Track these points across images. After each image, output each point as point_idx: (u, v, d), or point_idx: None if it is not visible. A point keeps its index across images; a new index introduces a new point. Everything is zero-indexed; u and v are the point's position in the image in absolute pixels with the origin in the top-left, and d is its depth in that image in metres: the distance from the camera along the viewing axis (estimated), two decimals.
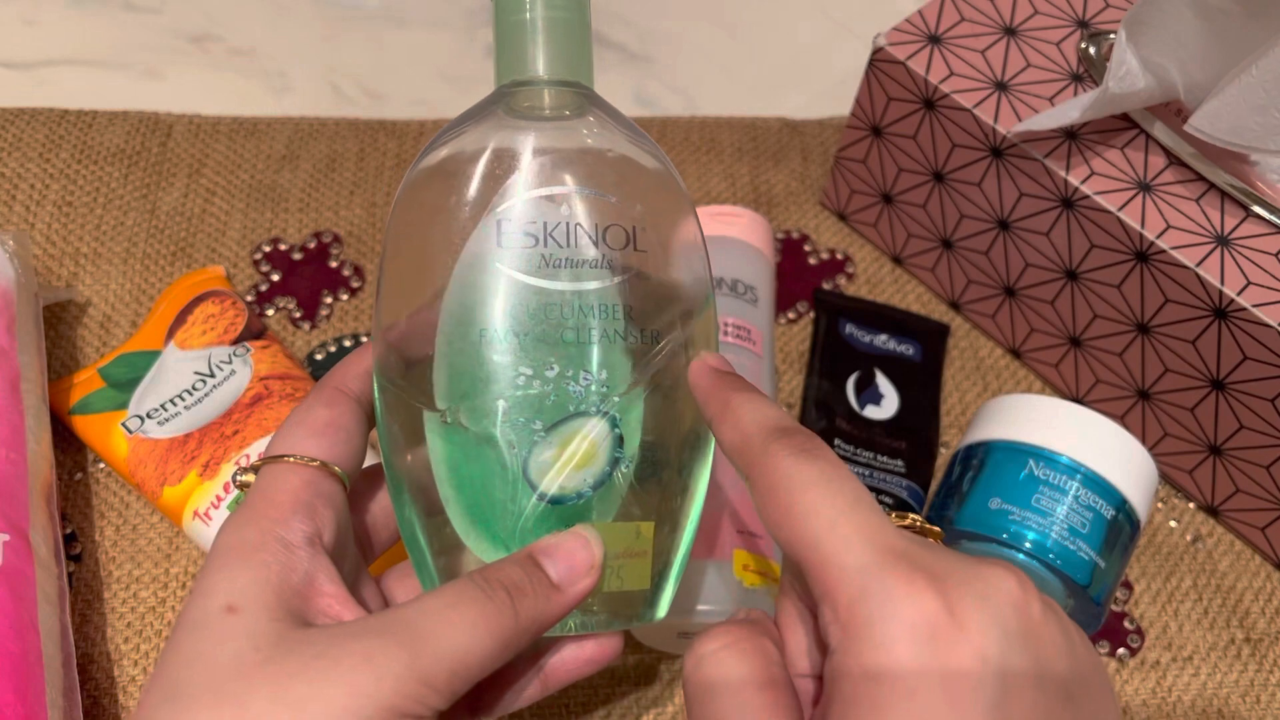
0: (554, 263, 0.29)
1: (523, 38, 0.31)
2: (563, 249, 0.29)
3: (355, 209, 0.53)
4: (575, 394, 0.29)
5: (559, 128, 0.31)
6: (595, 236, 0.29)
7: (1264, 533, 0.46)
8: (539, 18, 0.31)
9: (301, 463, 0.29)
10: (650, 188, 0.31)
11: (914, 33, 0.46)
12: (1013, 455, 0.41)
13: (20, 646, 0.35)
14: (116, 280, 0.49)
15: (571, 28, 0.31)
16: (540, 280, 0.29)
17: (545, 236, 0.29)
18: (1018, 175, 0.44)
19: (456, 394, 0.29)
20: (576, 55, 0.32)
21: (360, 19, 0.62)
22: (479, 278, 0.29)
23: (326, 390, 0.31)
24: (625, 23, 0.64)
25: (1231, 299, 0.40)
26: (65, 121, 0.54)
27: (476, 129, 0.30)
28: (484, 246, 0.29)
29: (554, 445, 0.29)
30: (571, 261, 0.29)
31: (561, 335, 0.29)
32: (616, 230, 0.30)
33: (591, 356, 0.29)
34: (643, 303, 0.30)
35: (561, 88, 0.31)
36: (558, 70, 0.31)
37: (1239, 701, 0.44)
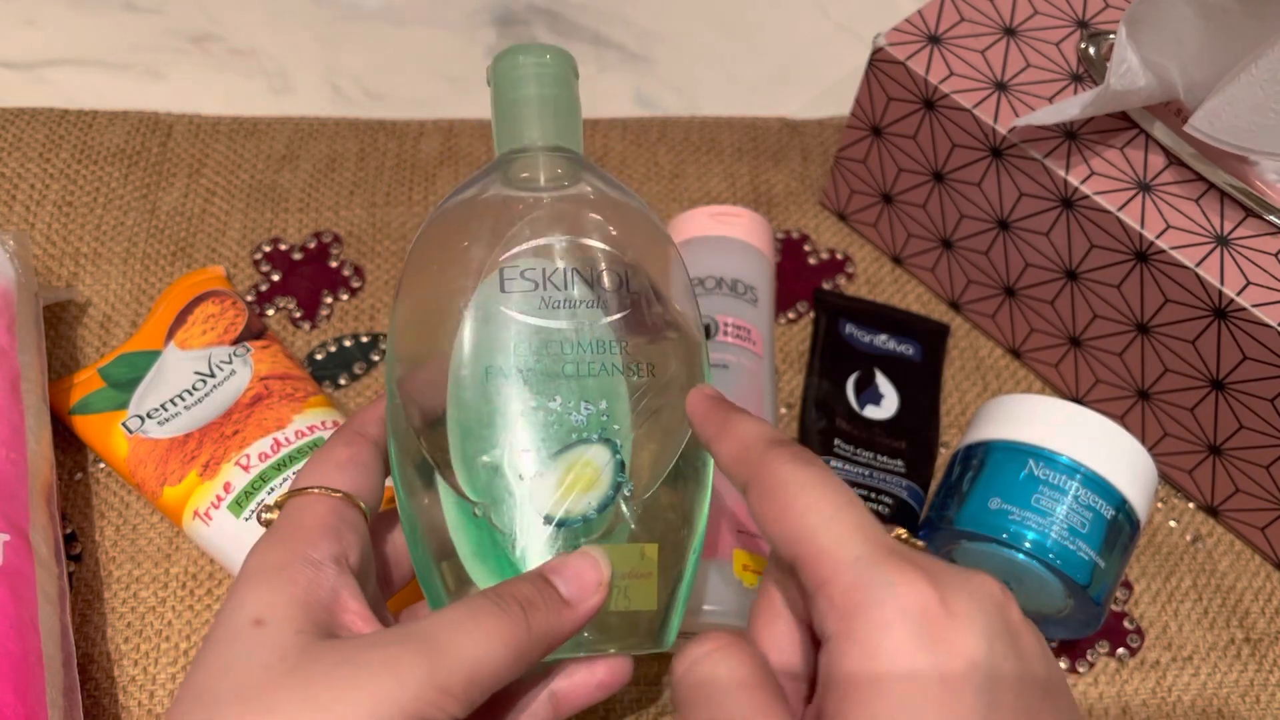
0: (553, 304, 0.32)
1: (518, 113, 0.35)
2: (561, 291, 0.32)
3: (355, 209, 0.53)
4: (577, 423, 0.31)
5: (554, 187, 0.34)
6: (590, 279, 0.32)
7: (1264, 533, 0.46)
8: (532, 96, 0.35)
9: (325, 493, 0.30)
10: (638, 236, 0.34)
11: (914, 33, 0.46)
12: (1013, 455, 0.41)
13: (20, 646, 0.35)
14: (116, 280, 0.49)
15: (560, 103, 0.36)
16: (541, 320, 0.32)
17: (545, 281, 0.32)
18: (1018, 175, 0.44)
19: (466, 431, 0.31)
20: (566, 125, 0.36)
21: (360, 19, 0.62)
22: (486, 324, 0.32)
23: (346, 432, 0.33)
24: (625, 23, 0.64)
25: (1231, 299, 0.40)
26: (65, 121, 0.54)
27: (481, 194, 0.34)
28: (489, 294, 0.32)
29: (558, 470, 0.31)
30: (569, 302, 0.32)
31: (563, 369, 0.31)
32: (610, 274, 0.33)
33: (591, 388, 0.31)
34: (636, 339, 0.33)
35: (554, 154, 0.35)
36: (550, 139, 0.35)
37: (1239, 701, 0.44)
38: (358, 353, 0.49)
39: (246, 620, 0.26)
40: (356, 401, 0.48)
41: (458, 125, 0.56)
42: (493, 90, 0.36)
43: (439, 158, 0.55)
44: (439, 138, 0.56)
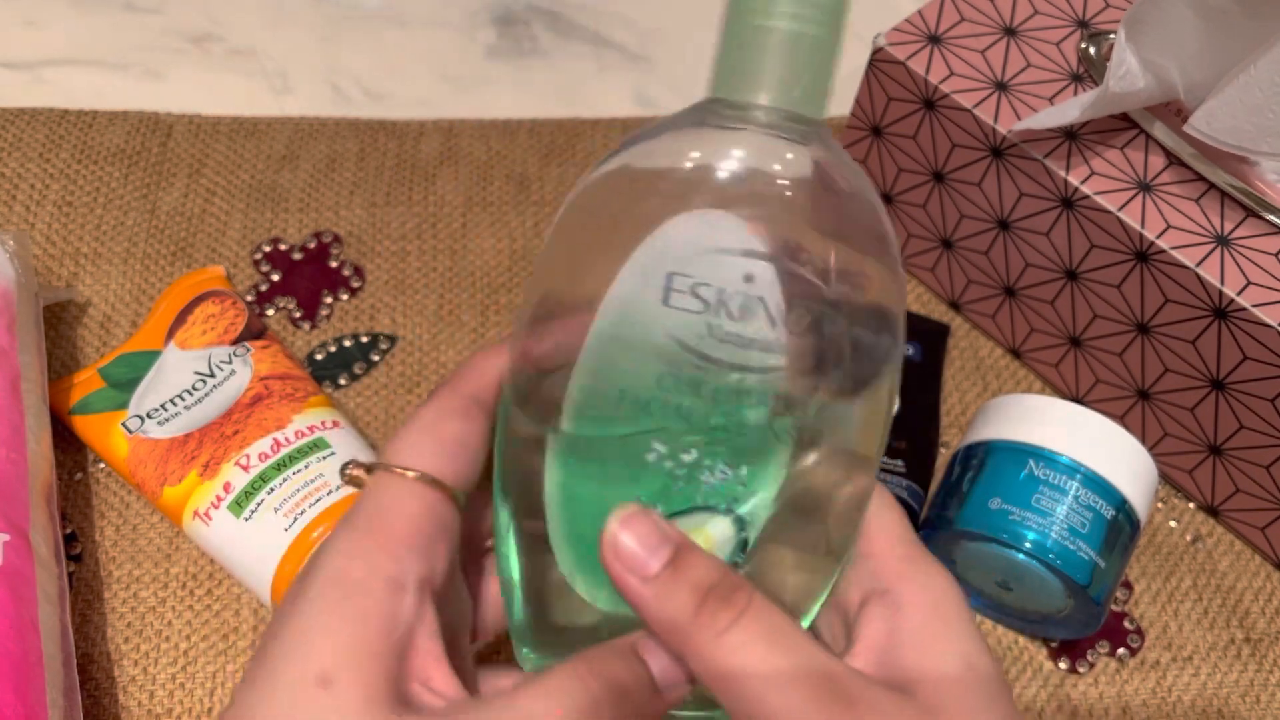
0: (720, 336, 0.25)
1: (752, 50, 0.26)
2: (734, 322, 0.25)
3: (355, 209, 0.53)
4: (707, 487, 0.25)
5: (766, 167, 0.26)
6: (774, 314, 0.25)
7: (1264, 533, 0.46)
8: (783, 30, 0.25)
9: (425, 483, 0.26)
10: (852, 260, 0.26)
11: (914, 33, 0.46)
12: (1013, 455, 0.41)
13: (20, 646, 0.35)
14: (116, 280, 0.49)
15: (820, 47, 0.26)
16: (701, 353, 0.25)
17: (718, 304, 0.25)
18: (1018, 175, 0.44)
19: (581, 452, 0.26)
20: (815, 84, 0.26)
21: (360, 19, 0.62)
22: (632, 331, 0.25)
23: (460, 398, 0.27)
24: (625, 23, 0.64)
25: (1231, 299, 0.40)
26: (65, 121, 0.54)
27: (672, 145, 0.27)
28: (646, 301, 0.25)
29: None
30: (741, 340, 0.25)
31: (709, 418, 0.25)
32: (801, 311, 0.25)
33: (738, 448, 0.25)
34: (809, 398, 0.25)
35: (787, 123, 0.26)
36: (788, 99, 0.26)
37: (1239, 702, 0.44)
38: (358, 353, 0.49)
39: (312, 676, 0.23)
40: (356, 401, 0.48)
41: (458, 125, 0.56)
42: (727, 11, 0.27)
43: (439, 158, 0.55)
44: (439, 138, 0.56)
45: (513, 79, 0.60)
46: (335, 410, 0.44)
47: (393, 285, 0.51)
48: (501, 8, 0.63)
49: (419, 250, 0.52)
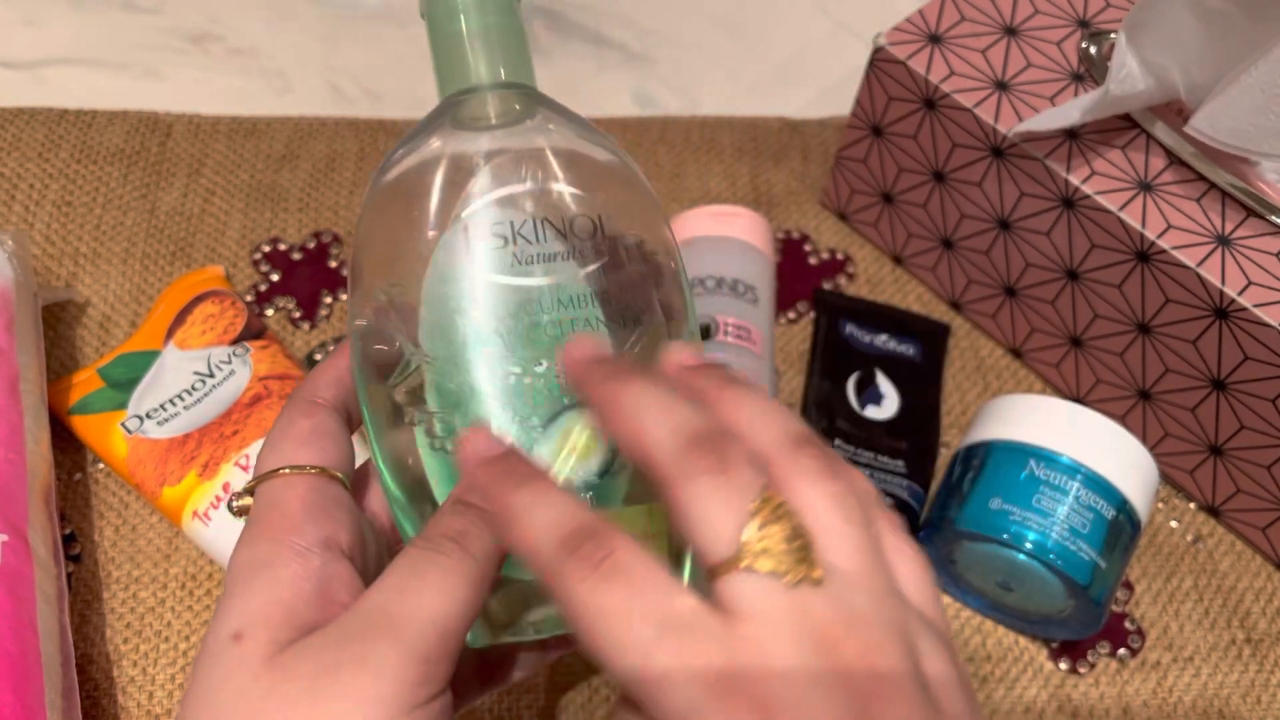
0: (526, 259, 0.29)
1: (460, 47, 0.31)
2: (532, 245, 0.29)
3: (355, 209, 0.53)
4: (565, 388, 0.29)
5: (509, 130, 0.31)
6: (563, 229, 0.29)
7: (1265, 533, 0.46)
8: (473, 26, 0.31)
9: (299, 472, 0.28)
10: (608, 178, 0.31)
11: (914, 32, 0.46)
12: (1013, 455, 0.41)
13: (19, 647, 0.35)
14: (116, 280, 0.49)
15: (506, 32, 0.32)
16: (515, 279, 0.29)
17: (514, 235, 0.29)
18: (1018, 175, 0.44)
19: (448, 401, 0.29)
20: (515, 58, 0.32)
21: (360, 19, 0.62)
22: (454, 286, 0.29)
23: (300, 403, 0.30)
24: (625, 23, 0.64)
25: (1232, 299, 0.40)
26: (65, 121, 0.54)
27: (429, 142, 0.31)
28: (454, 254, 0.29)
29: (554, 439, 0.29)
30: (543, 256, 0.29)
31: (545, 330, 0.29)
32: (583, 220, 0.30)
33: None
34: (618, 290, 0.30)
35: (505, 91, 0.31)
36: (499, 75, 0.31)
37: (1239, 702, 0.43)
38: None
39: (226, 636, 0.25)
40: None
41: None
42: (428, 25, 0.32)
43: None
44: None
45: None
46: None
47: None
48: None
49: None
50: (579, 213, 0.30)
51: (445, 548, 0.26)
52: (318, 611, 0.26)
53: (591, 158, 0.31)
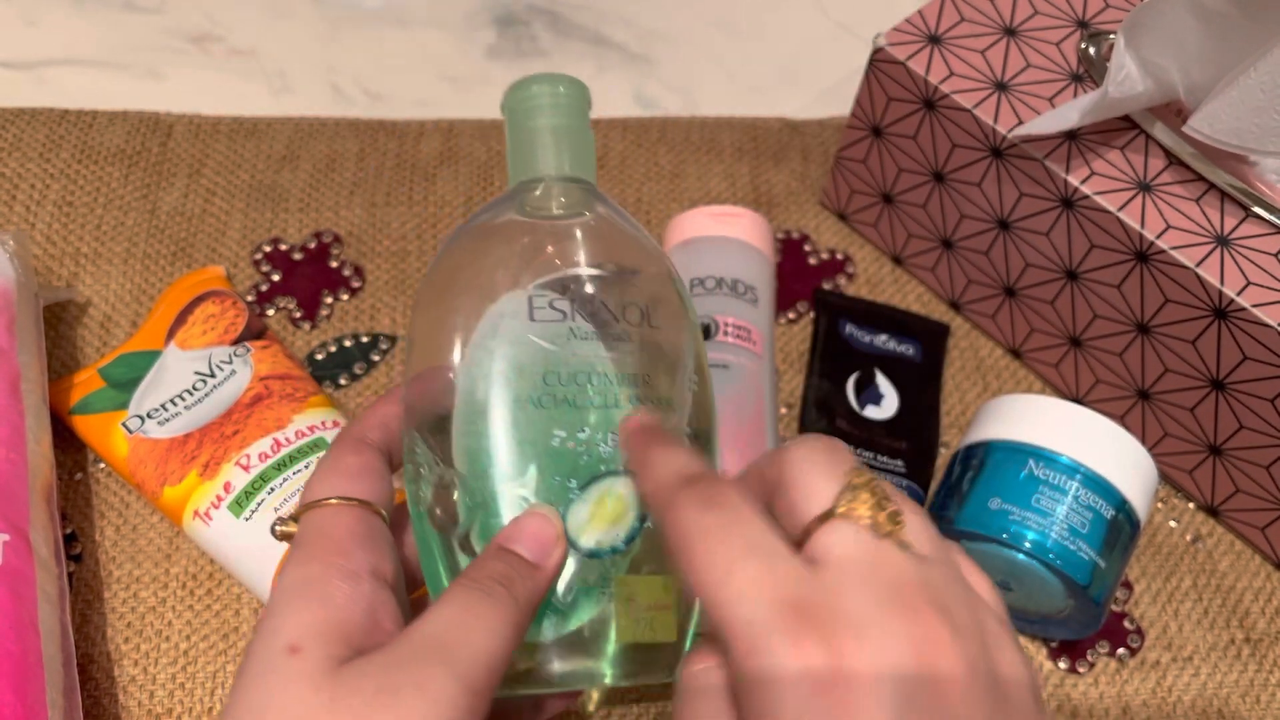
0: (581, 335, 0.32)
1: (534, 142, 0.35)
2: (588, 323, 0.32)
3: (355, 209, 0.53)
4: (604, 455, 0.31)
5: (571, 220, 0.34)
6: (616, 314, 0.33)
7: (1264, 533, 0.46)
8: (548, 125, 0.35)
9: (345, 504, 0.30)
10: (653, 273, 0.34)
11: (914, 33, 0.46)
12: (1013, 455, 0.41)
13: (20, 646, 0.35)
14: (117, 280, 0.49)
15: (576, 133, 0.35)
16: (570, 351, 0.32)
17: (573, 312, 0.32)
18: (1018, 175, 0.44)
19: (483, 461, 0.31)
20: (582, 156, 0.35)
21: (360, 19, 0.62)
22: (514, 348, 0.31)
23: (349, 441, 0.32)
24: (625, 23, 0.64)
25: (1231, 299, 0.40)
26: (65, 121, 0.54)
27: (496, 220, 0.34)
28: (517, 320, 0.32)
29: (588, 503, 0.31)
30: (595, 335, 0.32)
31: (590, 400, 0.31)
32: (633, 308, 0.33)
33: (616, 420, 0.31)
34: (657, 372, 0.33)
35: (569, 184, 0.35)
36: (565, 169, 0.35)
37: (1239, 701, 0.44)
38: (358, 353, 0.49)
39: (281, 647, 0.26)
40: (356, 401, 0.48)
41: (458, 125, 0.56)
42: (507, 121, 0.36)
43: (439, 158, 0.55)
44: (439, 138, 0.56)
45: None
46: (335, 410, 0.44)
47: (393, 285, 0.51)
48: (501, 8, 0.63)
49: (419, 250, 0.52)
50: (629, 301, 0.33)
51: (493, 589, 0.28)
52: (366, 635, 0.27)
53: (641, 252, 0.34)
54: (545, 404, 0.31)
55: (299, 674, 0.25)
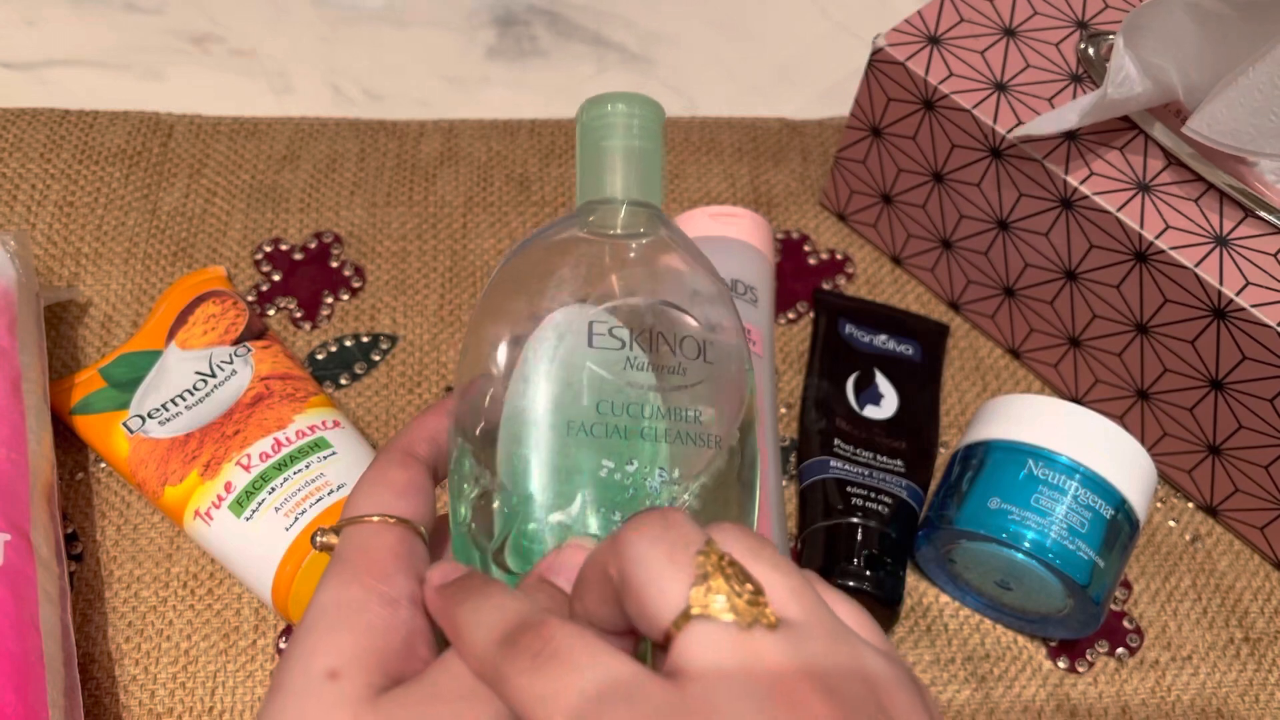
0: (638, 365, 0.31)
1: (605, 162, 0.34)
2: (646, 354, 0.31)
3: (356, 209, 0.53)
4: (651, 489, 0.30)
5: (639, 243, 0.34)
6: (673, 345, 0.32)
7: (1263, 532, 0.46)
8: (621, 145, 0.34)
9: (389, 522, 0.29)
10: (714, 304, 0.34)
11: (913, 33, 0.46)
12: (1012, 455, 0.42)
13: (21, 646, 0.35)
14: (118, 280, 0.50)
15: (648, 155, 0.35)
16: (627, 381, 0.31)
17: (631, 341, 0.31)
18: (1017, 176, 0.45)
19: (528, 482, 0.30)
20: (651, 180, 0.35)
21: (360, 19, 0.62)
22: (569, 372, 0.31)
23: (396, 453, 0.31)
24: (625, 23, 0.64)
25: (1230, 299, 0.40)
26: (66, 122, 0.54)
27: (561, 238, 0.33)
28: (576, 344, 0.31)
29: None
30: (652, 366, 0.31)
31: (641, 432, 0.31)
32: (690, 342, 0.32)
33: (666, 455, 0.31)
34: (708, 409, 0.32)
35: (636, 208, 0.34)
36: (634, 192, 0.34)
37: (1238, 701, 0.44)
38: (358, 353, 0.49)
39: (320, 671, 0.25)
40: (357, 401, 0.48)
41: (458, 125, 0.56)
42: (579, 137, 0.36)
43: (439, 158, 0.55)
44: (439, 138, 0.56)
45: (513, 79, 0.61)
46: (336, 410, 0.44)
47: (393, 285, 0.51)
48: (501, 8, 0.63)
49: (419, 250, 0.52)
50: (688, 334, 0.32)
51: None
52: (403, 663, 0.26)
53: (703, 283, 0.34)
54: (596, 432, 0.30)
55: (339, 700, 0.25)
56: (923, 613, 0.45)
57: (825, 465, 0.45)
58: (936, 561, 0.44)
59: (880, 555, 0.42)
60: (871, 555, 0.42)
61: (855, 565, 0.42)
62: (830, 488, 0.44)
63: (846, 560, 0.42)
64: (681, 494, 0.31)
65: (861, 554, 0.42)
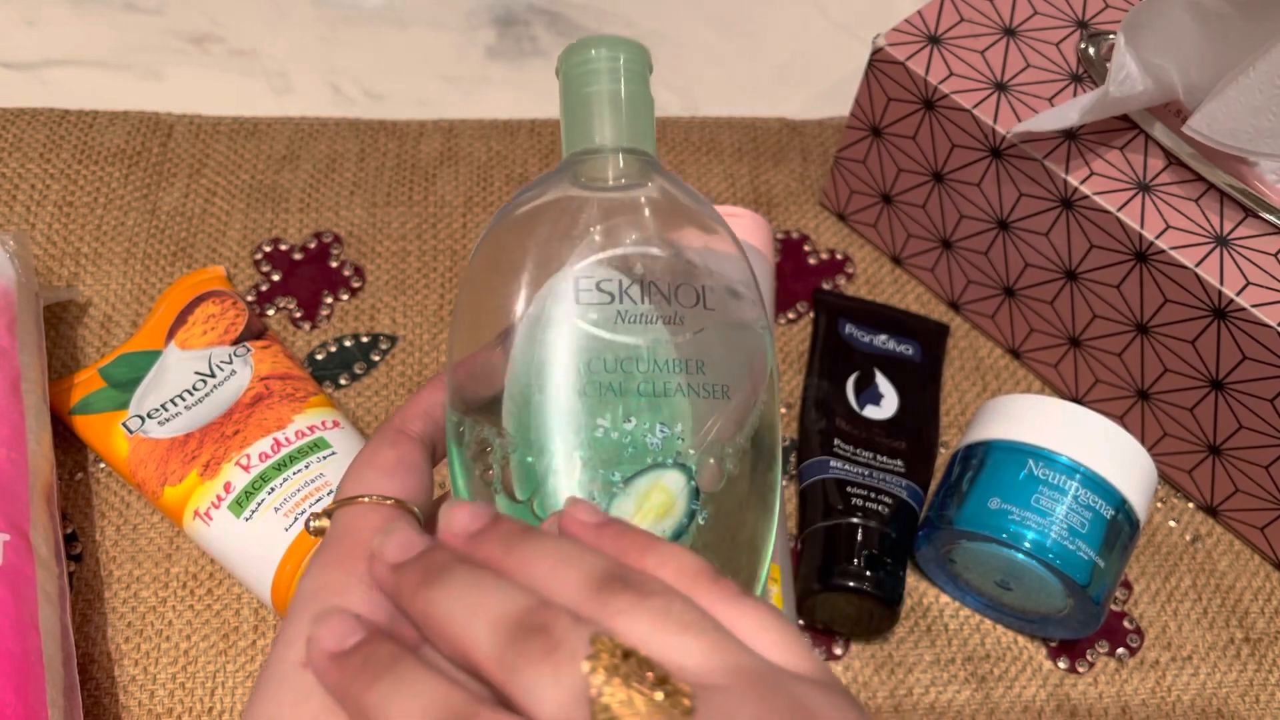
0: (629, 319, 0.30)
1: (591, 109, 0.33)
2: (637, 305, 0.30)
3: (356, 209, 0.53)
4: (652, 446, 0.29)
5: (626, 193, 0.32)
6: (668, 294, 0.30)
7: (1263, 532, 0.46)
8: (606, 91, 0.33)
9: (378, 502, 0.29)
10: (713, 250, 0.32)
11: (913, 33, 0.46)
12: (1012, 455, 0.42)
13: (21, 646, 0.35)
14: (117, 280, 0.49)
15: (635, 100, 0.33)
16: (618, 336, 0.30)
17: (621, 294, 0.30)
18: (1017, 175, 0.45)
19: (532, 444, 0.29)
20: (641, 125, 0.33)
21: (360, 19, 0.62)
22: (557, 333, 0.30)
23: (389, 432, 0.31)
24: (625, 23, 0.64)
25: (1231, 299, 0.40)
26: (66, 122, 0.54)
27: (549, 193, 0.32)
28: (562, 303, 0.30)
29: (633, 497, 0.29)
30: (645, 318, 0.30)
31: (637, 388, 0.29)
32: (687, 289, 0.31)
33: (667, 410, 0.30)
34: (712, 358, 0.30)
35: (627, 155, 0.33)
36: (622, 140, 0.33)
37: (1238, 701, 0.44)
38: (358, 353, 0.49)
39: (295, 661, 0.25)
40: (357, 401, 0.48)
41: (458, 125, 0.56)
42: (562, 85, 0.34)
43: (439, 158, 0.55)
44: (439, 138, 0.56)
45: (513, 79, 0.61)
46: (336, 410, 0.44)
47: (393, 285, 0.51)
48: (501, 8, 0.63)
49: (419, 250, 0.52)
50: (684, 281, 0.31)
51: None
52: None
53: (700, 228, 0.32)
54: (589, 393, 0.29)
55: (312, 690, 0.24)
56: (923, 613, 0.45)
57: (825, 465, 0.45)
58: (936, 562, 0.44)
59: (880, 555, 0.42)
60: (871, 555, 0.42)
61: (855, 565, 0.42)
62: (830, 488, 0.44)
63: (846, 560, 0.42)
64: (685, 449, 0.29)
65: (861, 554, 0.42)
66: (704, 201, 0.33)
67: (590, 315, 0.30)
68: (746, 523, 0.31)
